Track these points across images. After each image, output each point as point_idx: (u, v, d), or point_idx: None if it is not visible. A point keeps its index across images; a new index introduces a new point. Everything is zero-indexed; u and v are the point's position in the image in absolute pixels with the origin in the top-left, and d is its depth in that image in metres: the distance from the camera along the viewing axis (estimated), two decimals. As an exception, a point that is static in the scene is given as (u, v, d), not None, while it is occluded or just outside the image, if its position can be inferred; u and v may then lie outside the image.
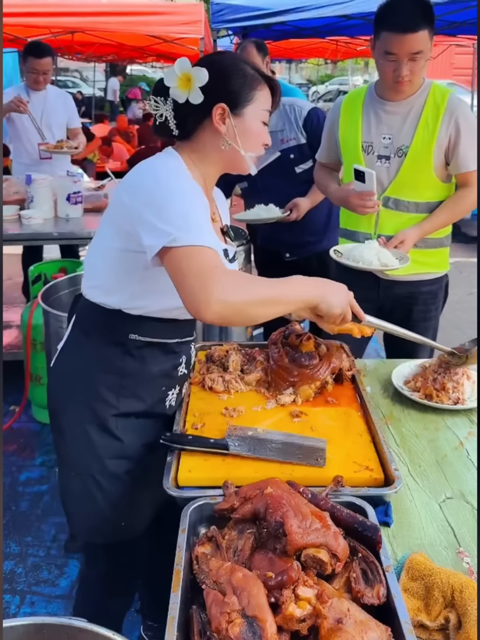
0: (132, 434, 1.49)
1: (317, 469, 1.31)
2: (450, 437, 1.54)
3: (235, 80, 1.39)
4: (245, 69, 1.41)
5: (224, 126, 1.39)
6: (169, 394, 1.55)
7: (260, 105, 1.42)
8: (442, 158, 2.15)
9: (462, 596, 1.00)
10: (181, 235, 1.23)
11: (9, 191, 3.96)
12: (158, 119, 1.41)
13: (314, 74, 22.78)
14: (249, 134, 1.42)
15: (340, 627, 0.89)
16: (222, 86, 1.38)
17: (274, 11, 5.08)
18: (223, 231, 1.57)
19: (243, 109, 1.40)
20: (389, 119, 2.18)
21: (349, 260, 2.09)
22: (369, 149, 2.22)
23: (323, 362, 1.61)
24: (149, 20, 5.24)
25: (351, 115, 2.27)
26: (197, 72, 1.34)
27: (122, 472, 1.49)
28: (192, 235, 1.24)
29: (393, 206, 2.21)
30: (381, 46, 2.03)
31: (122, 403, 1.47)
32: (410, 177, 2.17)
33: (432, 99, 2.13)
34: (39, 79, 4.18)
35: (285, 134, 2.92)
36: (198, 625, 0.93)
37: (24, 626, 1.03)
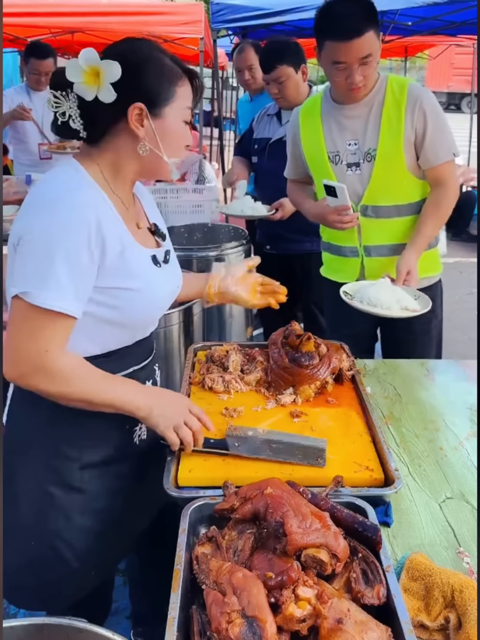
0: (95, 484, 1.36)
1: (317, 469, 1.31)
2: (450, 437, 1.54)
3: (154, 76, 1.21)
4: (164, 60, 1.23)
5: (142, 129, 1.22)
6: (135, 429, 1.42)
7: (181, 102, 1.26)
8: (413, 154, 2.02)
9: (462, 596, 1.00)
10: (37, 292, 1.13)
11: (9, 191, 3.96)
12: (60, 117, 1.21)
13: (313, 74, 22.74)
14: (171, 136, 1.26)
15: (340, 627, 0.89)
16: (137, 82, 1.20)
17: (273, 11, 5.08)
18: (151, 231, 1.42)
19: (163, 108, 1.23)
20: (351, 124, 2.06)
21: (363, 303, 1.91)
22: (336, 159, 2.11)
23: (323, 362, 1.61)
24: (149, 20, 5.23)
25: (311, 126, 2.15)
26: (107, 66, 1.16)
27: (91, 525, 1.37)
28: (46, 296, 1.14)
29: (373, 214, 2.10)
30: (328, 56, 1.91)
31: (85, 454, 1.34)
32: (384, 180, 2.05)
33: (391, 94, 2.01)
34: (41, 80, 4.20)
35: None
36: (198, 625, 0.93)
37: (24, 626, 1.03)
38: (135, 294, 1.28)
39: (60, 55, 9.15)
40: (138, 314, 1.32)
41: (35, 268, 1.15)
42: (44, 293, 1.14)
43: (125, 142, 1.25)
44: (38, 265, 1.14)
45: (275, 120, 3.10)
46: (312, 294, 3.19)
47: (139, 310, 1.31)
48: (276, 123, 3.09)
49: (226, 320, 3.30)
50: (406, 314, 1.86)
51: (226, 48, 9.69)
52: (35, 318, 1.16)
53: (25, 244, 1.16)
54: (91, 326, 1.26)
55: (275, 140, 3.03)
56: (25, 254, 1.16)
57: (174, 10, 5.40)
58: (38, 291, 1.14)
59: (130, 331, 1.36)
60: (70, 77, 1.18)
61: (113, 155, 1.26)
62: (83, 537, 1.36)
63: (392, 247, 2.12)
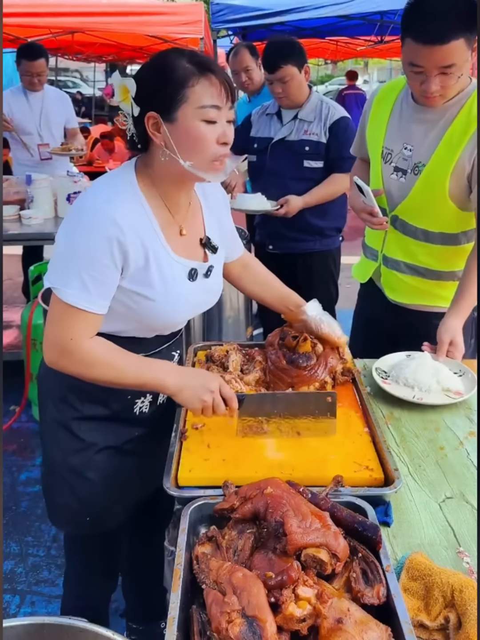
0: (93, 436, 1.50)
1: (317, 469, 1.31)
2: (450, 437, 1.54)
3: (160, 83, 1.25)
4: (174, 65, 1.24)
5: (160, 136, 1.28)
6: (137, 402, 1.53)
7: (195, 103, 1.24)
8: (463, 183, 1.79)
9: (462, 596, 1.00)
10: (62, 289, 1.27)
11: (9, 191, 3.96)
12: (127, 133, 1.34)
13: (314, 74, 22.79)
14: (187, 139, 1.26)
15: (340, 627, 0.89)
16: (147, 93, 1.26)
17: (273, 11, 5.10)
18: (202, 243, 1.48)
19: (175, 112, 1.25)
20: (415, 128, 1.86)
21: (399, 384, 1.69)
22: (387, 157, 1.94)
23: (319, 362, 1.61)
24: (149, 21, 5.24)
25: (380, 113, 1.96)
26: (128, 83, 1.27)
27: (86, 471, 1.51)
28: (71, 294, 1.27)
29: (400, 228, 1.95)
30: (406, 54, 1.67)
31: (87, 407, 1.48)
32: (422, 200, 1.87)
33: (467, 112, 1.76)
34: (34, 81, 4.17)
35: (311, 127, 2.95)
36: (198, 625, 0.93)
37: (24, 626, 1.03)
38: (151, 303, 1.37)
39: (60, 55, 9.19)
40: (151, 319, 1.42)
41: (61, 267, 1.29)
42: (68, 290, 1.27)
43: (155, 150, 1.33)
44: (63, 265, 1.29)
45: (275, 119, 3.08)
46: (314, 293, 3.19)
47: (153, 317, 1.41)
48: (277, 122, 3.06)
49: (226, 320, 3.30)
50: (448, 400, 1.63)
51: (226, 48, 9.68)
52: (62, 310, 1.30)
53: (58, 246, 1.30)
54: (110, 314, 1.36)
55: (277, 140, 3.02)
56: (55, 253, 1.30)
57: (174, 10, 5.41)
58: (63, 288, 1.28)
59: (144, 328, 1.45)
60: (116, 97, 1.32)
61: (153, 163, 1.35)
62: (78, 478, 1.51)
63: (410, 266, 2.00)
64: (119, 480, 1.54)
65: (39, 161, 4.31)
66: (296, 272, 3.15)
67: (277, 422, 1.43)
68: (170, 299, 1.38)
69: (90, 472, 1.51)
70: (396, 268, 2.02)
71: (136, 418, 1.54)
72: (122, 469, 1.54)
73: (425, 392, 1.66)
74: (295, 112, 2.98)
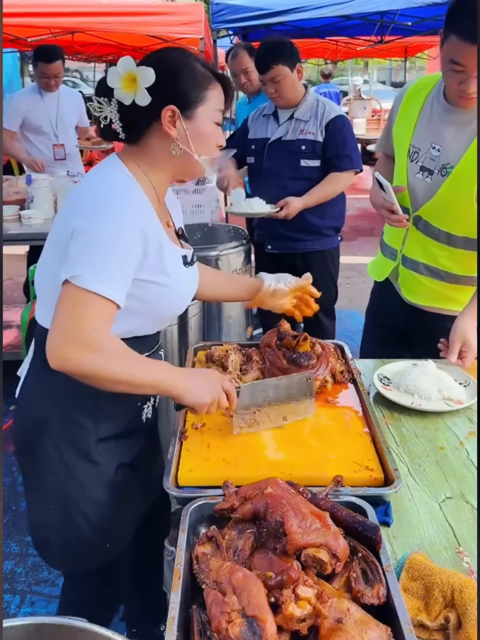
0: (109, 457, 1.44)
1: (317, 469, 1.31)
2: (450, 437, 1.54)
3: (185, 80, 1.30)
4: (195, 66, 1.32)
5: (175, 129, 1.31)
6: (144, 408, 1.51)
7: (212, 105, 1.34)
8: None
9: (462, 596, 1.00)
10: (87, 277, 1.20)
11: (9, 191, 3.97)
12: (102, 121, 1.31)
13: (314, 74, 22.80)
14: (202, 136, 1.34)
15: (340, 627, 0.89)
16: (170, 87, 1.28)
17: (273, 11, 5.10)
18: (178, 234, 1.52)
19: (194, 110, 1.31)
20: (445, 128, 1.83)
21: (400, 390, 1.70)
22: (414, 156, 1.90)
23: (320, 361, 1.61)
24: (149, 21, 5.24)
25: (410, 110, 1.92)
26: (142, 72, 1.25)
27: (104, 496, 1.44)
28: (97, 281, 1.20)
29: (422, 229, 1.92)
30: (448, 52, 1.63)
31: (101, 427, 1.42)
32: (447, 202, 1.84)
33: None
34: (51, 83, 4.22)
35: (307, 126, 2.96)
36: (198, 625, 0.93)
37: (24, 626, 1.03)
38: (165, 289, 1.36)
39: (60, 55, 9.18)
40: (163, 308, 1.42)
41: (90, 258, 1.22)
42: (94, 278, 1.20)
43: (160, 143, 1.33)
44: (93, 256, 1.22)
45: (272, 119, 3.09)
46: None
47: (165, 306, 1.41)
48: (273, 122, 3.08)
49: (226, 320, 3.30)
50: (447, 408, 1.63)
51: (226, 48, 9.68)
52: (83, 300, 1.21)
53: (81, 235, 1.23)
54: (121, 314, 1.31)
55: (274, 140, 3.03)
56: (81, 245, 1.23)
57: (174, 10, 5.40)
58: (89, 276, 1.20)
59: (152, 322, 1.45)
60: (111, 84, 1.27)
61: (150, 155, 1.35)
62: (98, 508, 1.44)
63: (430, 268, 1.98)
64: (131, 497, 1.50)
65: (53, 161, 4.33)
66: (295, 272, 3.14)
67: (267, 410, 1.46)
68: (179, 284, 1.41)
69: (107, 496, 1.45)
70: (415, 269, 2.00)
71: (142, 427, 1.53)
72: (132, 485, 1.51)
73: (424, 400, 1.66)
74: (291, 111, 2.99)
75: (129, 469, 1.50)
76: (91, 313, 1.21)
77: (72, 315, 1.21)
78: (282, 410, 1.48)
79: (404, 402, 1.64)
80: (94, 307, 1.21)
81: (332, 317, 3.39)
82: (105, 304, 1.22)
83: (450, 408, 1.63)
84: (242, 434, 1.43)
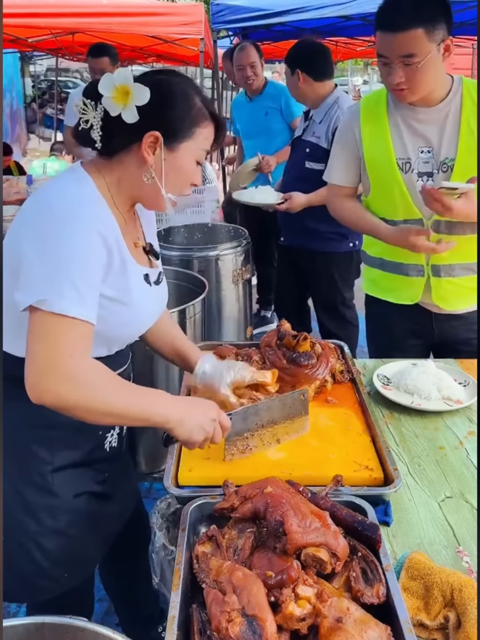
0: (67, 487, 1.35)
1: (317, 468, 1.31)
2: (450, 437, 1.54)
3: (178, 111, 1.23)
4: (194, 100, 1.25)
5: (152, 157, 1.23)
6: (107, 437, 1.42)
7: (198, 143, 1.27)
8: None
9: (462, 595, 1.00)
10: (53, 300, 1.10)
11: (9, 191, 3.98)
12: (82, 124, 1.23)
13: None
14: (177, 171, 1.27)
15: (340, 626, 0.89)
16: (161, 113, 1.22)
17: (274, 12, 5.09)
18: (146, 251, 1.41)
19: (178, 144, 1.24)
20: (425, 129, 1.85)
21: (400, 390, 1.70)
22: (406, 167, 1.87)
23: (320, 361, 1.61)
24: (149, 21, 5.24)
25: (376, 127, 1.92)
26: (137, 89, 1.18)
27: (63, 527, 1.35)
28: (64, 302, 1.10)
29: (446, 230, 1.88)
30: (376, 48, 1.78)
31: (57, 457, 1.32)
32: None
33: (469, 97, 1.80)
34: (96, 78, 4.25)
35: (318, 129, 2.98)
36: (198, 624, 0.93)
37: (24, 625, 1.03)
38: (124, 308, 1.27)
39: (60, 55, 9.19)
40: (121, 327, 1.32)
41: (50, 277, 1.12)
42: (61, 300, 1.11)
43: (133, 165, 1.25)
44: (52, 274, 1.12)
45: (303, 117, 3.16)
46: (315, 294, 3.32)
47: (123, 325, 1.31)
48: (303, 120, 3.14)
49: (226, 320, 3.31)
50: (446, 407, 1.63)
51: (226, 48, 9.68)
52: (54, 326, 1.11)
53: (35, 253, 1.13)
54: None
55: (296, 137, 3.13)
56: (37, 264, 1.13)
57: (174, 10, 5.41)
58: (55, 298, 1.11)
59: (107, 343, 1.34)
60: (102, 90, 1.20)
61: (120, 173, 1.27)
62: (54, 538, 1.34)
63: (465, 266, 1.94)
64: (95, 522, 1.41)
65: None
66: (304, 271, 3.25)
67: (260, 433, 1.39)
68: (139, 303, 1.31)
69: (64, 525, 1.35)
70: (450, 273, 1.94)
71: (107, 455, 1.43)
72: (97, 511, 1.42)
73: (424, 400, 1.65)
74: (312, 111, 3.05)
75: (91, 496, 1.40)
76: (64, 339, 1.11)
77: (44, 344, 1.11)
78: (276, 431, 1.41)
79: (404, 402, 1.64)
80: (65, 332, 1.11)
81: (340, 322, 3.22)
82: (78, 325, 1.13)
83: (450, 408, 1.63)
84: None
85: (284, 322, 1.76)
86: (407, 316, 2.05)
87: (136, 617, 1.91)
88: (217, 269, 3.14)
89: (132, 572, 1.84)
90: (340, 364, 1.70)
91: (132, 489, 1.68)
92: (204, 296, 2.62)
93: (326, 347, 1.69)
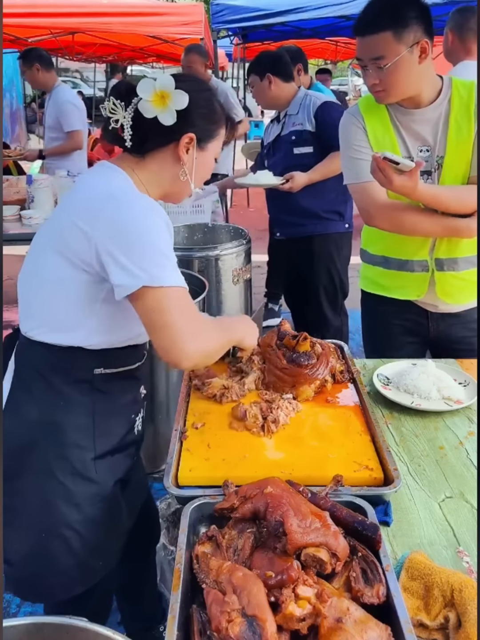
0: (107, 474, 1.41)
1: (317, 468, 1.31)
2: (450, 437, 1.54)
3: (210, 115, 1.38)
4: (217, 103, 1.41)
5: (186, 156, 1.35)
6: (136, 420, 1.51)
7: (219, 142, 1.43)
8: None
9: (462, 595, 1.00)
10: (157, 276, 1.20)
11: (9, 191, 3.97)
12: (112, 123, 1.30)
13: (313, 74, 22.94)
14: (204, 168, 1.42)
15: (340, 626, 0.89)
16: (200, 117, 1.35)
17: (274, 12, 5.10)
18: None
19: (208, 144, 1.39)
20: (422, 129, 1.89)
21: (400, 390, 1.70)
22: None
23: (320, 361, 1.61)
24: (149, 21, 5.25)
25: (381, 128, 1.94)
26: (178, 96, 1.28)
27: (100, 515, 1.40)
28: (166, 275, 1.22)
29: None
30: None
31: (99, 444, 1.38)
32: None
33: (457, 97, 1.84)
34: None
35: (297, 119, 3.17)
36: (198, 624, 0.93)
37: (25, 625, 1.03)
38: None
39: (60, 55, 9.19)
40: None
41: (148, 258, 1.21)
42: (171, 275, 1.23)
43: (166, 164, 1.36)
44: (146, 253, 1.21)
45: (276, 123, 3.35)
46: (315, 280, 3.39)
47: None
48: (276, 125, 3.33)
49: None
50: (446, 407, 1.63)
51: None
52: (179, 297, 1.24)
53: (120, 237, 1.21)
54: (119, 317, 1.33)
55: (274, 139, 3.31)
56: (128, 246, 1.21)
57: (174, 10, 5.41)
58: (160, 272, 1.21)
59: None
60: (141, 93, 1.27)
61: (154, 171, 1.37)
62: (92, 527, 1.39)
63: (468, 259, 1.96)
64: (122, 512, 1.48)
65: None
66: (301, 258, 3.38)
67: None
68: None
69: (101, 513, 1.40)
70: (453, 267, 1.96)
71: (135, 439, 1.52)
72: (123, 500, 1.49)
73: (424, 399, 1.66)
74: (285, 111, 3.24)
75: (122, 484, 1.47)
76: (190, 305, 1.28)
77: (180, 313, 1.23)
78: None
79: (404, 402, 1.64)
80: (177, 297, 1.24)
81: (337, 311, 3.44)
82: (184, 291, 1.27)
83: (450, 408, 1.63)
84: (240, 433, 1.43)
85: (284, 322, 1.76)
86: (404, 314, 2.07)
87: (138, 615, 1.92)
88: (217, 269, 3.15)
89: (139, 569, 1.85)
90: (340, 364, 1.70)
91: (142, 475, 1.75)
92: (204, 296, 2.62)
93: (326, 347, 1.69)
